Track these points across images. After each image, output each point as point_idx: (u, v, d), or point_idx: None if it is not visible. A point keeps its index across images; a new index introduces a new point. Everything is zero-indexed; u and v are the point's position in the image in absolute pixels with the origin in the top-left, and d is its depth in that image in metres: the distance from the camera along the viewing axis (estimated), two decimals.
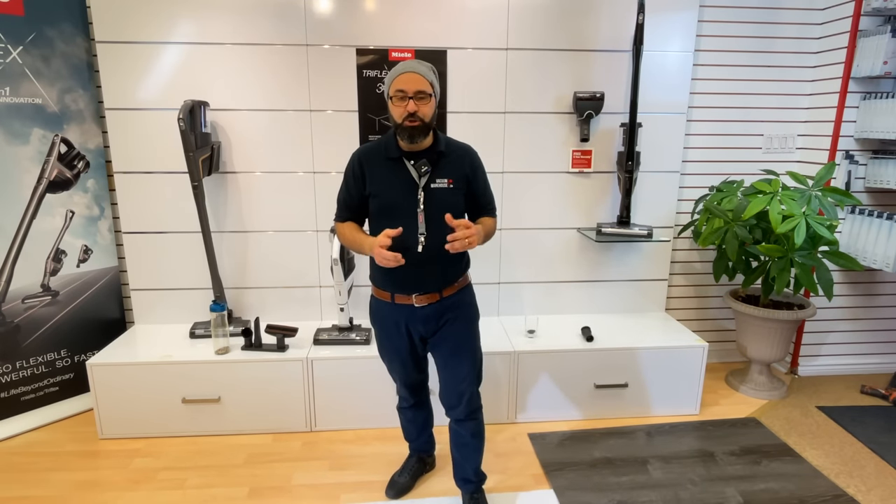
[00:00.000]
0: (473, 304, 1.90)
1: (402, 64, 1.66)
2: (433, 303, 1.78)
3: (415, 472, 2.15)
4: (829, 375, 3.09)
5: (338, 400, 2.48)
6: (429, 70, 1.68)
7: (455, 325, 1.82)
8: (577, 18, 2.63)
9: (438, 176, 1.72)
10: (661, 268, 2.98)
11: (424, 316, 1.79)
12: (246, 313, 2.83)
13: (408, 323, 1.81)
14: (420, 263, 1.71)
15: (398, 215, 1.70)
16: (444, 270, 1.78)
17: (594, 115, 2.68)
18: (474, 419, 1.89)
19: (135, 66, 2.50)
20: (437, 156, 1.73)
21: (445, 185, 1.72)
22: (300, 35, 2.53)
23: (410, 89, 1.62)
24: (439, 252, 1.68)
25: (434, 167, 1.72)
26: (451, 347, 1.83)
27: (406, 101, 1.62)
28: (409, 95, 1.62)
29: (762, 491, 2.11)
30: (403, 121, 1.63)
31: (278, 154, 2.65)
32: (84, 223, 2.60)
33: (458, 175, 1.74)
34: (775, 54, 2.85)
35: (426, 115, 1.65)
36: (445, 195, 1.72)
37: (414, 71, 1.63)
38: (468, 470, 1.95)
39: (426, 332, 1.83)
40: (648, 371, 2.59)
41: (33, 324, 2.49)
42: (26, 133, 2.38)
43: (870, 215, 2.71)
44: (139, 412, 2.41)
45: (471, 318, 1.87)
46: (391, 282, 1.78)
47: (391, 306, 1.81)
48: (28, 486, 2.12)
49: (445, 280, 1.79)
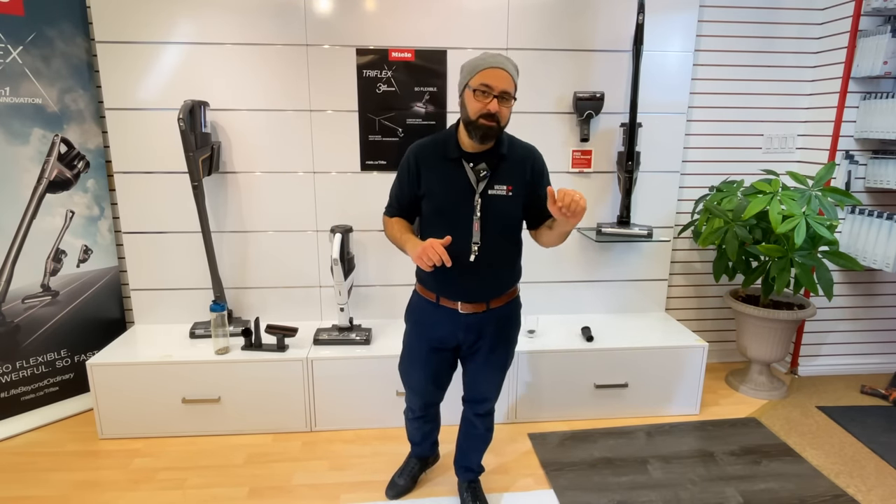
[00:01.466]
0: (518, 319, 1.81)
1: (491, 56, 1.52)
2: (478, 312, 1.69)
3: (414, 474, 2.14)
4: (829, 375, 3.09)
5: (338, 400, 2.48)
6: (516, 70, 1.55)
7: (496, 341, 1.74)
8: (577, 18, 2.63)
9: (497, 182, 1.59)
10: (661, 268, 2.98)
11: (467, 324, 1.70)
12: (246, 313, 2.83)
13: (449, 326, 1.71)
14: (471, 273, 1.62)
15: (452, 220, 1.60)
16: (495, 281, 1.69)
17: (594, 115, 2.68)
18: (490, 415, 1.92)
19: (135, 66, 2.50)
20: (498, 159, 1.60)
21: (504, 192, 1.60)
22: (300, 35, 2.53)
23: (498, 87, 1.49)
24: (492, 263, 1.62)
25: (494, 171, 1.59)
26: (486, 362, 1.77)
27: (489, 98, 1.50)
28: (494, 93, 1.50)
29: (762, 491, 2.11)
30: (479, 118, 1.51)
31: (278, 154, 2.65)
32: (84, 223, 2.60)
33: (519, 181, 1.62)
34: (775, 54, 2.85)
35: (504, 118, 1.54)
36: (503, 203, 1.61)
37: (504, 68, 1.50)
38: (472, 460, 1.97)
39: (464, 341, 1.73)
40: (648, 371, 2.59)
41: (33, 324, 2.49)
42: (26, 133, 2.38)
43: (870, 215, 2.71)
44: (139, 412, 2.41)
45: (512, 334, 1.80)
46: (439, 285, 1.69)
47: (434, 306, 1.72)
48: (28, 486, 2.12)
49: (495, 291, 1.70)
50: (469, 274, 1.63)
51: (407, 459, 2.17)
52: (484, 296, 1.69)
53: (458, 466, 2.02)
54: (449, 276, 1.63)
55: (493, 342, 1.74)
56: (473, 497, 1.98)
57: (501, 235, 1.63)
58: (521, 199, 1.64)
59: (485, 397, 1.86)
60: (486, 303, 1.69)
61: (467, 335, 1.72)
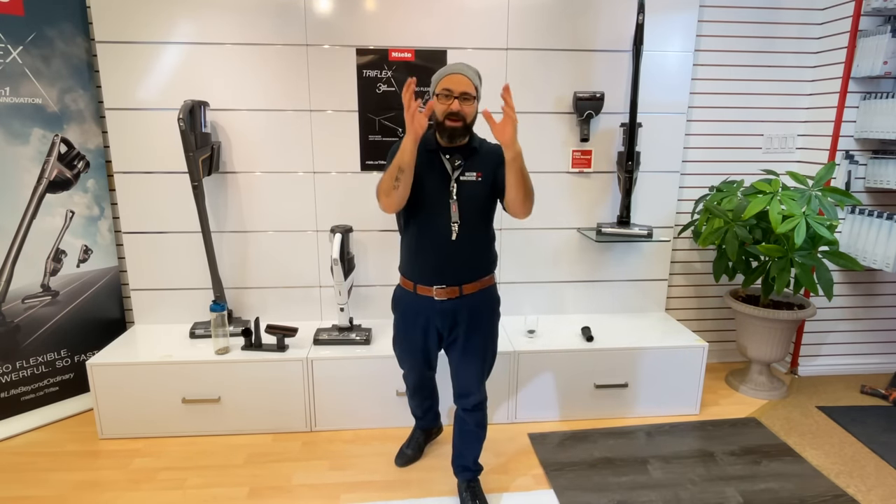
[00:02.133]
0: (494, 309, 1.93)
1: (451, 65, 1.76)
2: (452, 298, 1.83)
3: (420, 444, 2.30)
4: (829, 375, 3.09)
5: (338, 400, 2.48)
6: (475, 74, 1.77)
7: (471, 329, 1.87)
8: (577, 18, 2.63)
9: (469, 170, 1.81)
10: (661, 268, 2.98)
11: (442, 310, 1.84)
12: (246, 313, 2.83)
13: (427, 315, 1.87)
14: (448, 253, 1.80)
15: (431, 203, 1.80)
16: (470, 263, 1.84)
17: (594, 115, 2.68)
18: (479, 411, 1.95)
19: (135, 66, 2.50)
20: (470, 152, 1.82)
21: (474, 178, 1.81)
22: (300, 35, 2.53)
23: (456, 89, 1.71)
24: (468, 243, 1.80)
25: (466, 162, 1.81)
26: (463, 351, 1.89)
27: (451, 100, 1.71)
28: (454, 95, 1.71)
29: (762, 491, 2.11)
30: (445, 119, 1.73)
31: (278, 154, 2.65)
32: (84, 223, 2.60)
33: (487, 170, 1.82)
34: (775, 54, 2.85)
35: (468, 116, 1.75)
36: (474, 187, 1.81)
37: (462, 73, 1.73)
38: (468, 458, 2.00)
39: (442, 328, 1.88)
40: (648, 371, 2.59)
41: (33, 324, 2.49)
42: (26, 133, 2.38)
43: (870, 215, 2.71)
44: (139, 412, 2.41)
45: (487, 323, 1.91)
46: (417, 270, 1.86)
47: (413, 296, 1.88)
48: (28, 486, 2.12)
49: (468, 275, 1.84)
50: (447, 255, 1.80)
51: (412, 431, 2.32)
52: (457, 278, 1.83)
53: (456, 466, 2.05)
54: (429, 257, 1.82)
55: (468, 330, 1.87)
56: (472, 496, 1.99)
57: (475, 217, 1.83)
58: (489, 186, 1.82)
59: (468, 391, 1.92)
60: (459, 287, 1.83)
61: (443, 321, 1.86)
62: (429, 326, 1.89)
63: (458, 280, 1.83)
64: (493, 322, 1.94)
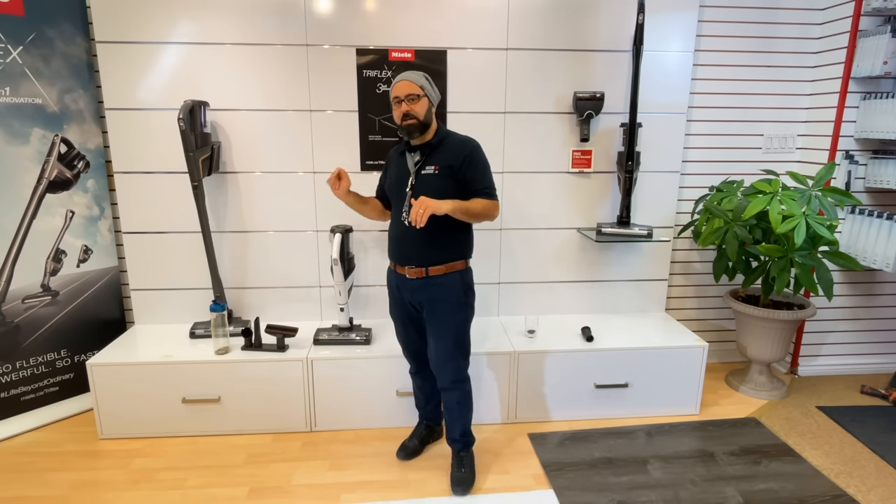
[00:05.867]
0: (461, 292, 2.05)
1: (398, 76, 1.98)
2: (420, 277, 2.02)
3: (423, 438, 2.35)
4: (829, 375, 3.09)
5: (338, 400, 2.48)
6: (419, 76, 1.97)
7: (438, 307, 2.04)
8: (577, 18, 2.63)
9: (428, 164, 1.99)
10: (661, 268, 2.98)
11: (412, 288, 2.05)
12: (246, 313, 2.83)
13: (401, 289, 2.09)
14: (408, 239, 2.00)
15: (397, 196, 2.05)
16: (427, 249, 2.00)
17: (594, 115, 2.68)
18: (456, 389, 2.10)
19: (135, 66, 2.50)
20: (429, 148, 2.00)
21: (432, 171, 1.98)
22: (300, 35, 2.53)
23: (402, 93, 1.93)
24: (427, 230, 1.93)
25: (427, 157, 1.99)
26: (433, 327, 2.06)
27: (400, 105, 1.93)
28: (401, 99, 1.93)
29: (762, 491, 2.11)
30: (401, 121, 1.95)
31: (278, 154, 2.65)
32: (84, 223, 2.60)
33: (445, 164, 1.97)
34: (775, 54, 2.85)
35: (419, 113, 1.94)
36: (432, 180, 1.97)
37: (404, 79, 1.95)
38: (455, 431, 2.15)
39: (415, 302, 2.07)
40: (648, 371, 2.59)
41: (33, 324, 2.49)
42: (26, 133, 2.38)
43: (870, 215, 2.71)
44: (139, 412, 2.41)
45: (453, 303, 2.04)
46: (392, 252, 2.09)
47: (392, 272, 2.12)
48: (28, 486, 2.12)
49: (431, 258, 2.01)
50: (409, 240, 2.00)
51: (417, 424, 2.39)
52: (421, 260, 2.01)
53: (448, 439, 2.20)
54: (396, 242, 2.05)
55: (435, 309, 2.04)
56: (459, 465, 2.14)
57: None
58: (447, 178, 1.97)
59: (439, 368, 2.09)
60: (426, 269, 2.01)
61: (415, 296, 2.06)
62: (403, 299, 2.10)
63: (424, 262, 2.00)
64: (459, 303, 2.05)
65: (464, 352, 2.10)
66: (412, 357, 2.24)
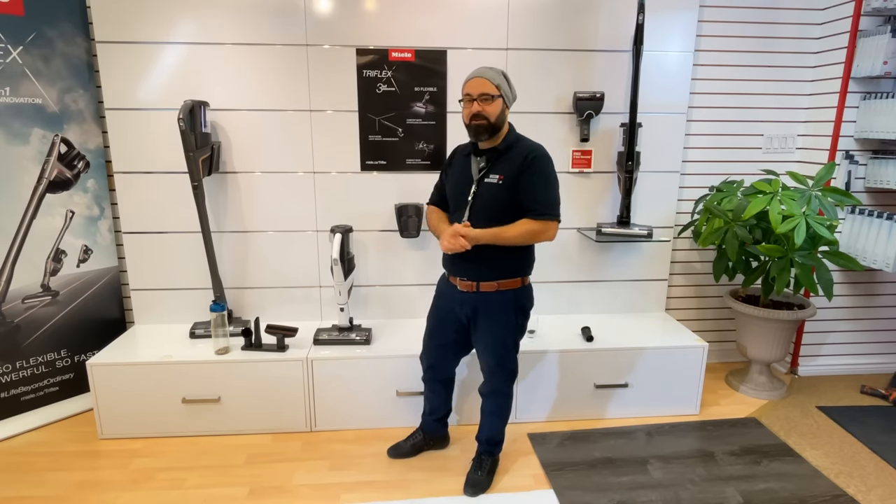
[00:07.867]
0: (511, 312, 1.97)
1: (472, 71, 1.86)
2: (471, 292, 1.95)
3: (417, 445, 2.31)
4: (829, 375, 3.09)
5: (338, 400, 2.48)
6: (497, 74, 1.84)
7: (483, 324, 1.97)
8: (577, 18, 2.63)
9: (493, 172, 1.86)
10: (661, 268, 2.98)
11: (462, 300, 1.98)
12: (246, 313, 2.83)
13: (450, 298, 2.02)
14: (459, 253, 1.89)
15: (456, 204, 1.95)
16: (483, 263, 1.90)
17: (594, 115, 2.68)
18: (492, 398, 2.08)
19: (135, 66, 2.50)
20: (496, 154, 1.88)
21: (496, 180, 1.85)
22: (300, 35, 2.53)
23: (475, 92, 1.80)
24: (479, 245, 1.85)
25: (493, 163, 1.87)
26: (479, 342, 2.03)
27: (472, 103, 1.81)
28: (473, 97, 1.80)
29: (762, 491, 2.11)
30: (470, 120, 1.83)
31: (278, 154, 2.65)
32: (84, 223, 2.60)
33: (510, 173, 1.84)
34: (775, 54, 2.85)
35: (490, 115, 1.81)
36: (494, 190, 1.86)
37: (480, 76, 1.82)
38: (483, 434, 2.15)
39: (462, 314, 2.00)
40: (648, 371, 2.59)
41: (33, 324, 2.49)
42: (26, 133, 2.38)
43: (870, 215, 2.71)
44: (139, 412, 2.41)
45: (501, 322, 1.97)
46: (445, 261, 2.04)
47: (445, 280, 2.08)
48: (28, 486, 2.12)
49: (484, 274, 1.92)
50: (458, 253, 1.89)
51: (415, 430, 2.35)
52: (473, 275, 1.93)
53: (476, 436, 2.19)
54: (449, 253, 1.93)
55: (481, 323, 1.98)
56: (477, 466, 2.13)
57: (492, 220, 1.85)
58: (510, 189, 1.84)
59: (484, 377, 2.09)
60: (477, 284, 1.93)
61: (462, 309, 1.99)
62: (452, 307, 2.02)
63: (476, 277, 1.92)
64: (507, 324, 1.98)
65: (507, 371, 2.04)
66: (428, 365, 2.19)
